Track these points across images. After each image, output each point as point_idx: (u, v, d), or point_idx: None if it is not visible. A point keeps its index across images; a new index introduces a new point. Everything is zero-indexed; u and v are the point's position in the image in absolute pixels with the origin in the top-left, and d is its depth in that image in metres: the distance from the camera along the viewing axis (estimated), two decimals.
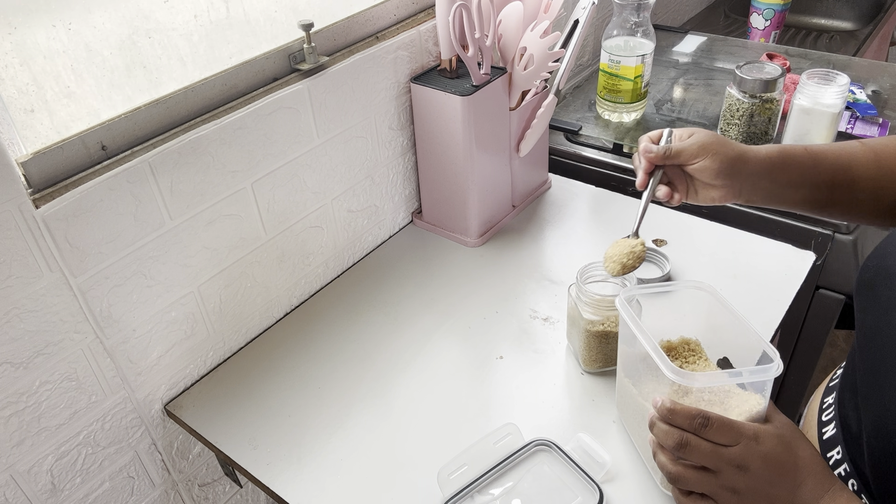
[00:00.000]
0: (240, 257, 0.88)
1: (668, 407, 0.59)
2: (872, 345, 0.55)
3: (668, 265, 0.98)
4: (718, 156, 0.70)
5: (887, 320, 0.54)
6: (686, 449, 0.58)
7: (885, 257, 0.57)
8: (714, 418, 0.58)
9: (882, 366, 0.53)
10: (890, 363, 0.52)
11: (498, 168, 1.07)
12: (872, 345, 0.55)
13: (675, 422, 0.59)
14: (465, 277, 1.02)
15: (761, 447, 0.57)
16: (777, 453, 0.57)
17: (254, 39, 0.86)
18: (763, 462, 0.57)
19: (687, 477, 0.59)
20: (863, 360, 0.57)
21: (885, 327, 0.54)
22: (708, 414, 0.58)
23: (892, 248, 0.57)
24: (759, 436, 0.58)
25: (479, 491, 0.71)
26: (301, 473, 0.76)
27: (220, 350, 0.91)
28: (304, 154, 0.91)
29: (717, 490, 0.58)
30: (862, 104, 1.22)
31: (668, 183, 0.74)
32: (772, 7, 1.67)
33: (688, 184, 0.74)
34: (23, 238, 0.66)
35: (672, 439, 0.59)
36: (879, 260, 0.58)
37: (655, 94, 1.38)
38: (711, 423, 0.58)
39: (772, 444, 0.58)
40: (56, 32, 0.68)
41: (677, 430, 0.59)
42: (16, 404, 0.70)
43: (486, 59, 0.97)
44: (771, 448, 0.57)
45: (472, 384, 0.84)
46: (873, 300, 0.57)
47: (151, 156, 0.74)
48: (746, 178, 0.70)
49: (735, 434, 0.58)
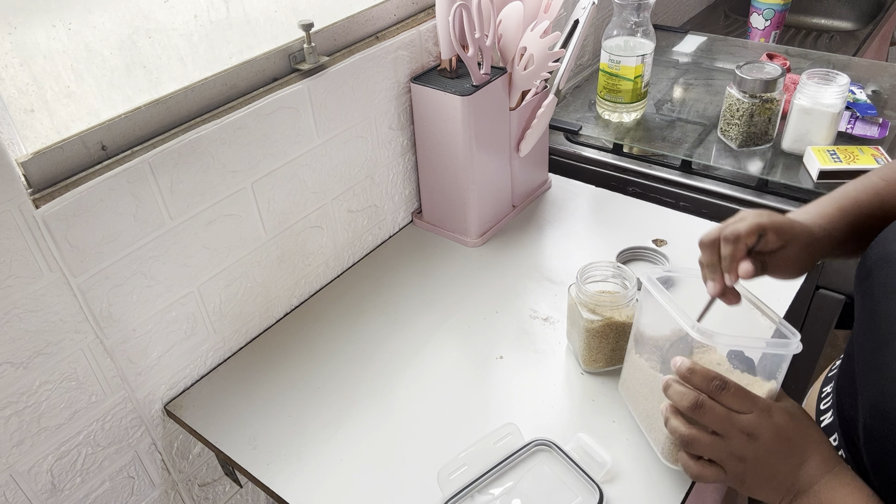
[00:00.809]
0: (240, 257, 0.88)
1: (688, 366, 0.60)
2: (871, 330, 0.56)
3: (667, 265, 0.98)
4: (803, 262, 0.66)
5: (885, 305, 0.55)
6: (700, 410, 0.59)
7: (885, 245, 0.58)
8: (731, 383, 0.59)
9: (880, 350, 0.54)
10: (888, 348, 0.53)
11: (498, 168, 1.07)
12: (871, 330, 0.56)
13: (692, 381, 0.60)
14: (465, 277, 1.02)
15: (773, 420, 0.58)
16: (787, 428, 0.58)
17: (254, 39, 0.86)
18: (772, 433, 0.58)
19: (698, 440, 0.60)
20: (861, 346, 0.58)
21: (883, 313, 0.55)
22: (725, 378, 0.59)
23: (894, 237, 0.58)
24: (773, 409, 0.59)
25: (479, 491, 0.71)
26: (301, 473, 0.76)
27: (220, 350, 0.91)
28: (304, 154, 0.91)
29: (725, 457, 0.59)
30: (862, 104, 1.22)
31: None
32: (772, 7, 1.67)
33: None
34: (23, 238, 0.66)
35: (688, 400, 0.60)
36: (880, 248, 0.59)
37: (655, 94, 1.38)
38: (729, 387, 0.59)
39: (783, 419, 0.59)
40: (56, 32, 0.68)
41: (693, 392, 0.60)
42: (16, 404, 0.70)
43: (486, 59, 0.97)
44: (782, 422, 0.59)
45: (472, 384, 0.84)
46: (872, 286, 0.58)
47: (151, 156, 0.74)
48: (819, 256, 0.68)
49: (750, 402, 0.59)
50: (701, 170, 1.16)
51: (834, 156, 1.08)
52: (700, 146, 1.20)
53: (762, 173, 1.12)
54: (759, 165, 1.14)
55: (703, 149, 1.19)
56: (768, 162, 1.15)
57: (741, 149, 1.17)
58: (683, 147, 1.20)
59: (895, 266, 0.55)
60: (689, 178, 1.15)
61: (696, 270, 0.71)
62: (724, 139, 1.20)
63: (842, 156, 1.08)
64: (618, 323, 0.79)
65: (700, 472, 0.61)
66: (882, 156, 1.08)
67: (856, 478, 0.56)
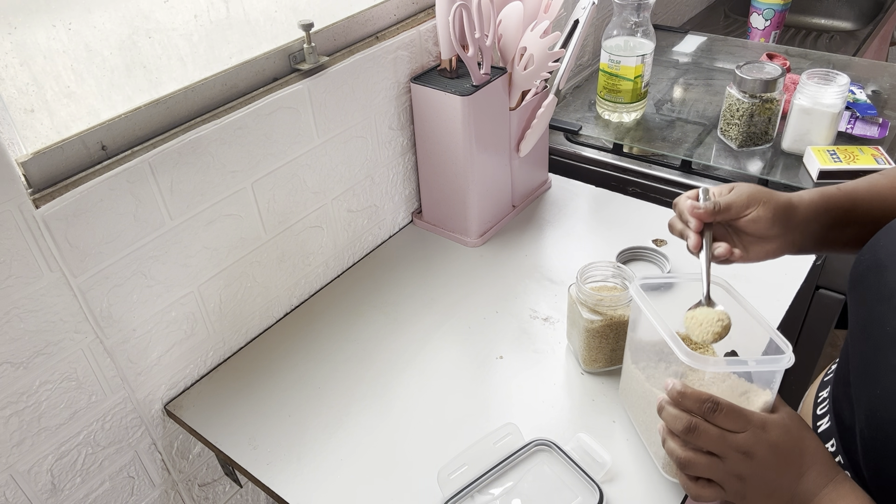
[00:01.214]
0: (240, 257, 0.88)
1: (679, 390, 0.60)
2: (864, 336, 0.56)
3: (668, 265, 0.98)
4: (770, 204, 0.66)
5: (879, 312, 0.55)
6: (694, 433, 0.59)
7: (877, 251, 0.58)
8: (723, 404, 0.59)
9: (873, 357, 0.54)
10: (881, 354, 0.53)
11: (498, 168, 1.07)
12: (864, 336, 0.56)
13: (684, 404, 0.60)
14: (465, 277, 1.02)
15: (768, 435, 0.58)
16: (783, 442, 0.58)
17: (254, 39, 0.86)
18: (769, 450, 0.58)
19: (695, 462, 0.60)
20: (855, 352, 0.58)
21: (876, 319, 0.55)
22: (717, 399, 0.59)
23: (885, 242, 0.58)
24: (767, 425, 0.59)
25: (479, 491, 0.71)
26: (301, 473, 0.76)
27: (220, 350, 0.91)
28: (304, 154, 0.91)
29: (724, 476, 0.59)
30: (862, 104, 1.22)
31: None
32: (772, 7, 1.67)
33: (735, 242, 0.69)
34: (23, 238, 0.66)
35: (681, 423, 0.60)
36: (872, 254, 0.58)
37: (655, 94, 1.38)
38: (721, 408, 0.58)
39: (778, 433, 0.58)
40: (56, 32, 0.68)
41: (686, 415, 0.60)
42: (16, 404, 0.70)
43: (486, 59, 0.97)
44: (777, 437, 0.58)
45: (472, 384, 0.84)
46: (865, 292, 0.58)
47: (151, 156, 0.74)
48: (798, 225, 0.68)
49: (743, 421, 0.58)
50: (701, 170, 1.16)
51: (834, 156, 1.08)
52: (700, 146, 1.20)
53: (762, 173, 1.12)
54: (759, 165, 1.14)
55: (703, 149, 1.19)
56: (768, 162, 1.15)
57: (741, 149, 1.17)
58: (683, 147, 1.20)
59: (887, 272, 0.55)
60: (690, 178, 1.15)
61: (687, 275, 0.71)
62: (724, 139, 1.20)
63: (842, 156, 1.08)
64: (618, 323, 0.79)
65: (699, 492, 0.61)
66: (882, 156, 1.08)
67: (855, 487, 0.56)
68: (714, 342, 0.67)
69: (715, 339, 0.67)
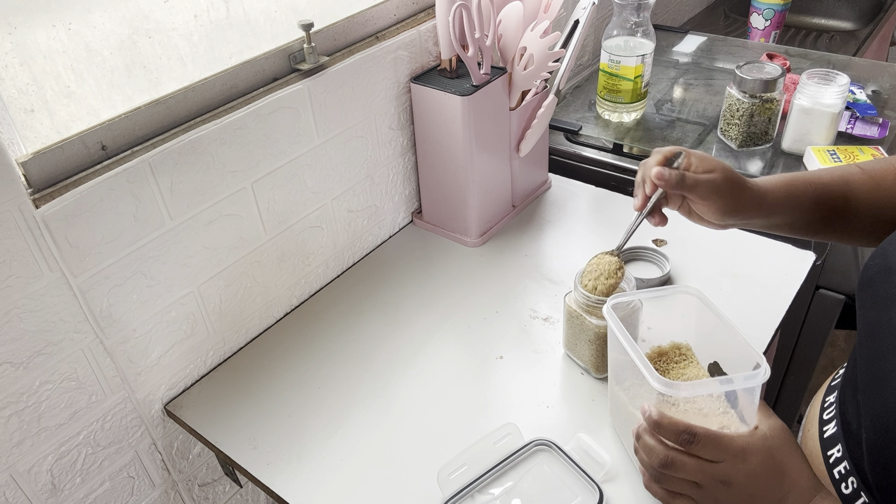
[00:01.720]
0: (240, 257, 0.88)
1: (654, 419, 0.59)
2: (872, 341, 0.56)
3: (668, 265, 0.98)
4: (727, 200, 0.67)
5: (887, 316, 0.54)
6: (672, 468, 0.59)
7: (886, 255, 0.58)
8: (700, 434, 0.58)
9: (881, 361, 0.54)
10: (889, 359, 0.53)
11: (498, 168, 1.07)
12: (872, 341, 0.56)
13: (661, 434, 0.60)
14: (465, 277, 1.02)
15: (747, 465, 0.58)
16: (762, 469, 0.58)
17: (254, 39, 0.86)
18: (747, 478, 0.57)
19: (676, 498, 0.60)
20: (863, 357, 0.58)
21: (884, 323, 0.54)
22: (694, 429, 0.58)
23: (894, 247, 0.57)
24: (746, 452, 0.58)
25: (479, 491, 0.71)
26: (301, 473, 0.76)
27: (220, 350, 0.91)
28: (304, 154, 0.91)
29: (703, 502, 0.59)
30: (862, 104, 1.22)
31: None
32: (772, 7, 1.67)
33: (682, 202, 0.71)
34: (23, 238, 0.66)
35: (657, 459, 0.59)
36: (881, 258, 0.58)
37: (655, 94, 1.38)
38: (698, 438, 0.58)
39: (758, 460, 0.58)
40: (56, 32, 0.68)
41: (662, 448, 0.59)
42: (16, 404, 0.70)
43: (486, 59, 0.97)
44: (756, 465, 0.58)
45: (472, 384, 0.84)
46: (874, 297, 0.57)
47: (151, 156, 0.74)
48: (744, 212, 0.69)
49: (720, 450, 0.58)
50: None
51: (834, 156, 1.08)
52: (700, 146, 1.20)
53: (762, 173, 1.12)
54: (759, 165, 1.14)
55: (703, 149, 1.19)
56: (768, 162, 1.15)
57: (741, 149, 1.17)
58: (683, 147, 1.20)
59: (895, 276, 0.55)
60: None
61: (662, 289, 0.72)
62: (724, 139, 1.20)
63: (842, 156, 1.08)
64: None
65: None
66: (882, 156, 1.08)
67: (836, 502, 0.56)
68: (605, 296, 0.75)
69: (597, 293, 0.76)
